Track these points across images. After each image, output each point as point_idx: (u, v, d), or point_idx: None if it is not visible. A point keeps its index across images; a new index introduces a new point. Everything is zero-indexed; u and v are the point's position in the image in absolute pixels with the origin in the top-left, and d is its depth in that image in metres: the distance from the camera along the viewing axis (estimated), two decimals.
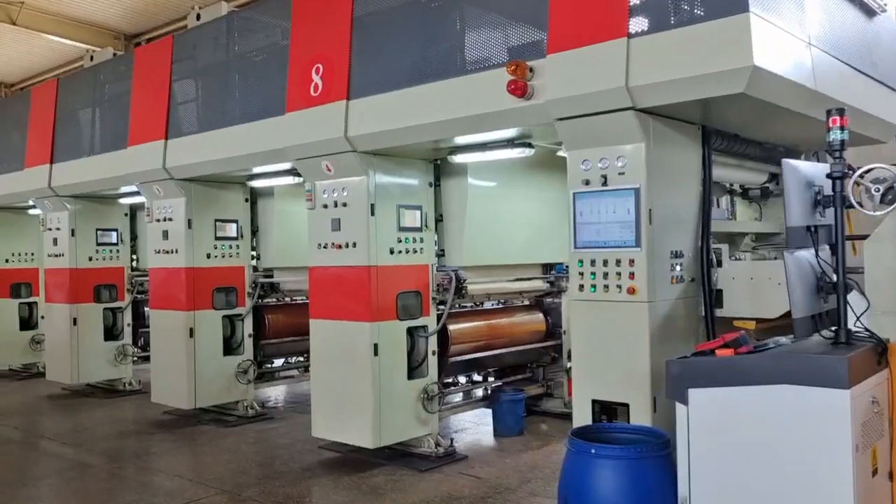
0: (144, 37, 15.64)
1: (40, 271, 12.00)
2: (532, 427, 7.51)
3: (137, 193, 9.39)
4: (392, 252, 6.31)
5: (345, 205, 6.28)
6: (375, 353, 6.15)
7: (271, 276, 8.70)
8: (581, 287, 4.80)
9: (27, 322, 12.02)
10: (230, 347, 8.38)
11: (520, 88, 4.73)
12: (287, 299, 9.39)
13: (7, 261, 11.81)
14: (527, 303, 8.14)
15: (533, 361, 8.11)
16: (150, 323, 8.47)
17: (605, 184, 4.66)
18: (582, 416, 4.76)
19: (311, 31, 6.38)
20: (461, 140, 5.82)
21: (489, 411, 7.58)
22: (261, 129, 6.84)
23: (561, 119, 4.73)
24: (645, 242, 4.53)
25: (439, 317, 6.67)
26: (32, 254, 12.05)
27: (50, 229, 10.08)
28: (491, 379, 7.97)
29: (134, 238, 10.51)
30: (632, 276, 4.57)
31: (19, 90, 18.24)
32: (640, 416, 4.50)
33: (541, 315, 8.01)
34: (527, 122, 4.99)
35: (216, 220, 8.24)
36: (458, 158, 6.14)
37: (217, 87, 7.57)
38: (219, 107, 7.43)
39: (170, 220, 8.14)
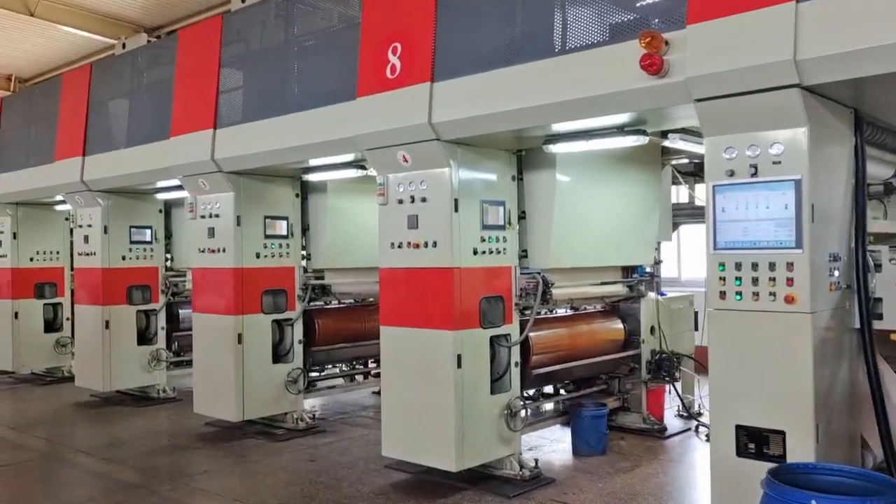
0: (164, 30, 15.04)
1: (66, 271, 11.46)
2: (611, 444, 6.86)
3: (174, 188, 8.82)
4: (475, 252, 5.68)
5: (424, 200, 5.65)
6: (459, 366, 5.51)
7: (322, 278, 8.09)
8: (723, 294, 4.16)
9: (51, 324, 11.42)
10: (278, 354, 7.76)
11: (655, 64, 4.09)
12: (334, 302, 8.76)
13: (32, 259, 11.20)
14: (601, 308, 7.49)
15: (608, 372, 7.46)
16: (194, 328, 7.85)
17: (755, 175, 4.02)
18: (723, 444, 4.12)
19: (387, 6, 5.76)
20: (561, 127, 5.19)
21: (557, 425, 7.01)
22: (324, 116, 6.22)
23: (701, 100, 4.09)
24: (807, 243, 3.89)
25: (522, 324, 6.05)
26: (58, 252, 11.45)
27: (80, 226, 9.48)
28: (562, 392, 7.32)
29: (168, 236, 9.89)
30: (790, 281, 3.93)
31: (33, 85, 17.61)
32: (801, 447, 3.86)
33: (620, 322, 7.36)
34: (657, 103, 4.34)
35: (266, 217, 7.62)
36: (557, 148, 5.49)
37: (274, 72, 6.94)
38: (276, 93, 6.80)
39: (216, 216, 7.51)
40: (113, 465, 6.67)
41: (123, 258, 9.35)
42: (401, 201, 5.80)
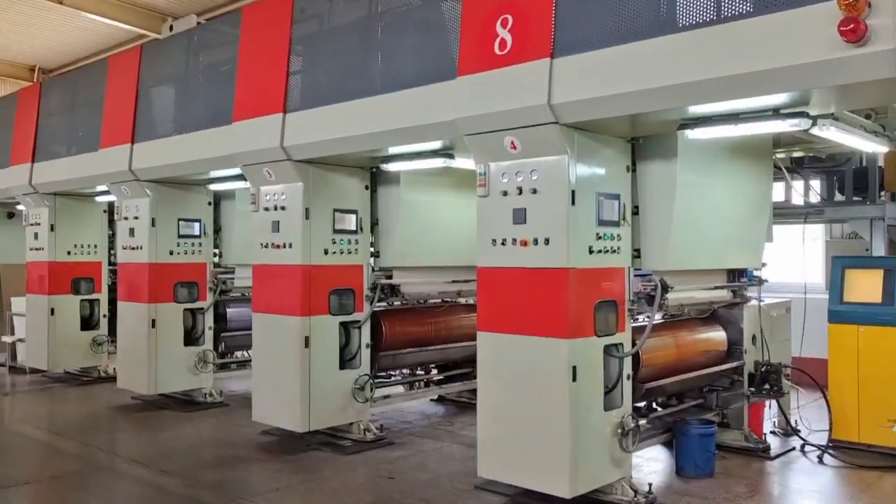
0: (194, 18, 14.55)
1: (103, 265, 10.93)
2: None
3: (229, 179, 8.28)
4: (591, 251, 5.07)
5: (534, 191, 5.04)
6: (574, 378, 4.90)
7: (390, 277, 7.49)
8: None
9: (87, 321, 10.87)
10: (343, 359, 7.16)
11: (856, 30, 3.47)
12: (397, 303, 8.15)
13: (69, 253, 10.66)
14: (696, 315, 6.86)
15: (706, 385, 6.82)
16: (254, 329, 7.26)
17: None
18: None
19: None
20: (704, 109, 4.57)
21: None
22: (414, 98, 5.63)
23: None
24: None
25: (634, 332, 5.44)
26: (95, 246, 10.91)
27: (126, 218, 8.92)
28: (658, 408, 6.69)
29: (216, 230, 9.31)
30: None
31: (74, 70, 17.07)
32: None
33: (721, 330, 6.73)
34: (849, 77, 3.70)
35: (335, 211, 7.03)
36: (697, 133, 4.85)
37: (354, 50, 6.34)
38: (356, 73, 6.21)
39: (282, 208, 6.93)
40: (172, 479, 6.08)
41: (171, 253, 8.78)
42: (505, 193, 5.19)
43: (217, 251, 9.32)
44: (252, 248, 9.00)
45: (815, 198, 8.14)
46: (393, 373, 8.35)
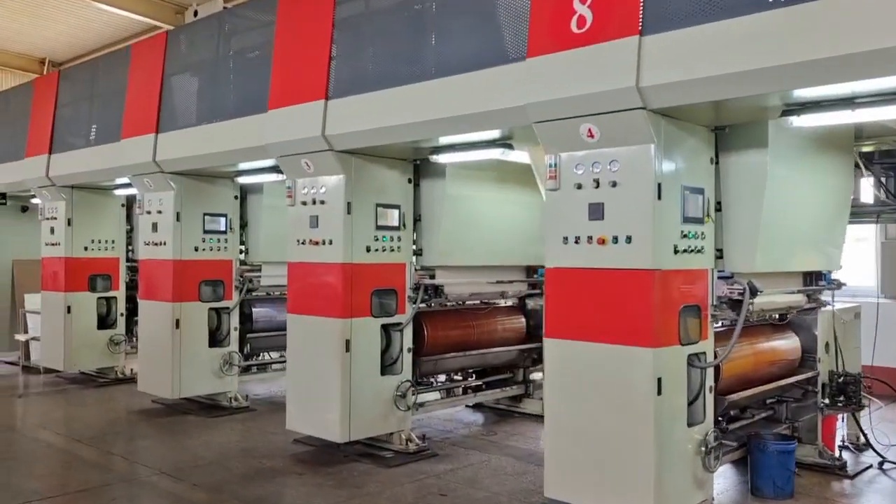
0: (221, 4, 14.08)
1: (121, 262, 10.48)
2: None
3: (258, 171, 7.83)
4: (676, 251, 4.59)
5: (613, 184, 4.56)
6: (659, 392, 4.43)
7: (433, 276, 7.02)
8: None
9: (104, 320, 10.42)
10: (383, 365, 6.69)
11: None
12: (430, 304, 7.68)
13: (86, 249, 10.21)
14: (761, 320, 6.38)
15: (776, 396, 6.33)
16: (289, 332, 6.78)
17: None
18: None
19: None
20: (810, 93, 4.09)
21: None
22: (473, 83, 5.17)
23: None
24: None
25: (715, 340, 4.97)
26: (113, 241, 10.46)
27: (149, 212, 8.46)
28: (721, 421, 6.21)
29: (243, 225, 8.85)
30: None
31: (94, 57, 16.62)
32: None
33: (795, 338, 6.24)
34: None
35: (377, 205, 6.56)
36: (806, 120, 4.37)
37: (403, 32, 5.88)
38: (406, 56, 5.74)
39: (321, 202, 6.46)
40: (206, 494, 5.62)
41: (196, 249, 8.33)
42: (579, 186, 4.71)
43: (243, 247, 8.86)
44: (283, 245, 8.63)
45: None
46: (430, 379, 7.88)
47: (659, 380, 4.42)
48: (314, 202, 6.51)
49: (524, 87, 4.78)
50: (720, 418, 5.54)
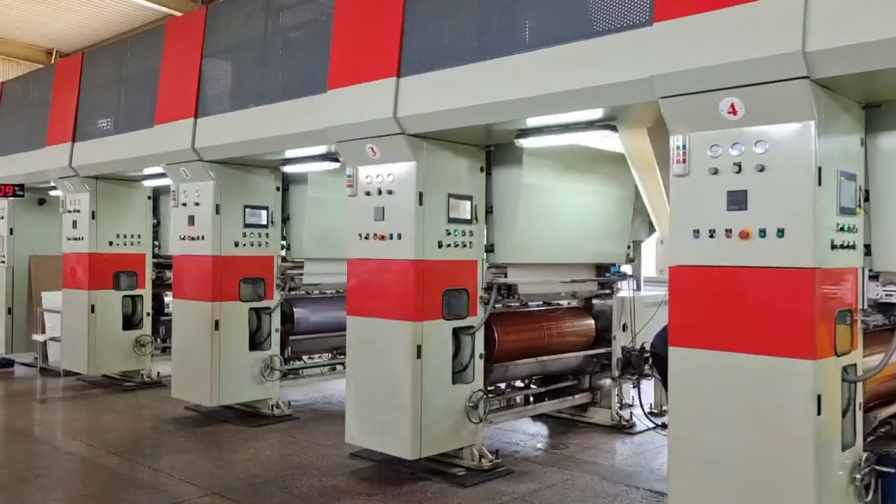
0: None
1: (147, 258, 9.84)
2: None
3: (306, 159, 7.19)
4: (832, 247, 3.94)
5: (761, 169, 3.91)
6: (819, 412, 3.78)
7: (505, 274, 6.39)
8: None
9: (129, 320, 9.78)
10: (453, 372, 6.06)
11: None
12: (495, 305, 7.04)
13: (111, 244, 9.56)
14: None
15: None
16: (349, 335, 6.13)
17: None
18: None
19: None
20: None
21: None
22: (582, 53, 4.52)
23: None
24: None
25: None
26: (139, 236, 9.81)
27: (185, 204, 7.81)
28: None
29: (285, 219, 8.20)
30: None
31: (122, 38, 15.98)
32: None
33: None
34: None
35: (449, 196, 5.92)
36: None
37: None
38: (494, 26, 5.07)
39: (389, 192, 5.81)
40: None
41: (236, 244, 7.68)
42: (715, 171, 4.07)
43: (284, 243, 8.21)
44: (328, 240, 8.09)
45: None
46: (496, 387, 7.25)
47: (819, 397, 3.78)
48: (380, 192, 5.87)
49: (650, 56, 4.13)
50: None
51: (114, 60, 9.04)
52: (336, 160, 6.97)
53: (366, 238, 5.96)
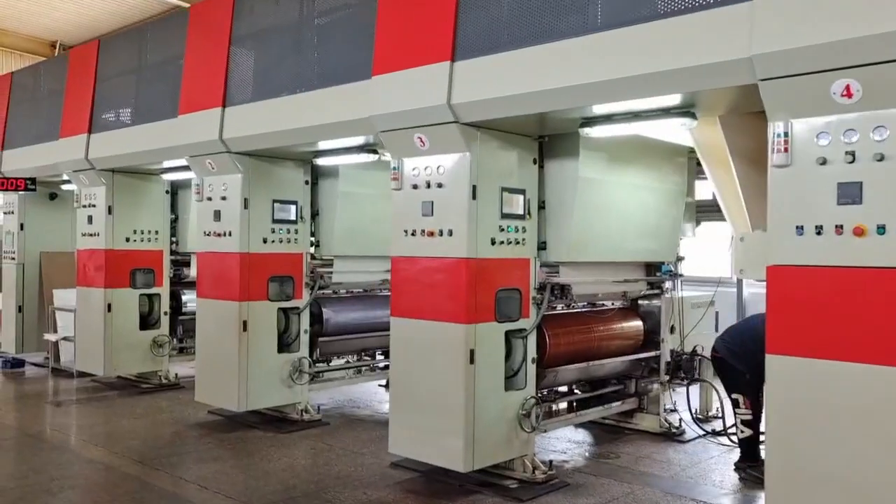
0: None
1: (165, 254, 9.45)
2: None
3: (338, 152, 6.81)
4: None
5: (880, 158, 3.53)
6: None
7: (557, 274, 6.00)
8: None
9: (146, 319, 9.39)
10: (504, 377, 5.68)
11: None
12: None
13: (128, 240, 9.17)
14: None
15: None
16: (393, 337, 5.73)
17: None
18: None
19: None
20: None
21: None
22: (658, 33, 4.14)
23: None
24: None
25: None
26: (156, 232, 9.42)
27: (210, 199, 7.42)
28: None
29: (314, 214, 7.80)
30: None
31: (142, 23, 15.61)
32: None
33: None
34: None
35: (503, 189, 5.53)
36: None
37: None
38: (569, 5, 4.66)
39: (438, 185, 5.42)
40: None
41: (264, 241, 7.29)
42: (823, 161, 3.69)
43: (313, 239, 7.82)
44: (360, 236, 7.74)
45: None
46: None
47: None
48: (428, 185, 5.47)
49: (750, 34, 3.74)
50: None
51: (132, 48, 8.64)
52: (374, 152, 6.59)
53: (412, 234, 5.57)
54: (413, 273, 5.60)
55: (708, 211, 7.37)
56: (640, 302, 7.26)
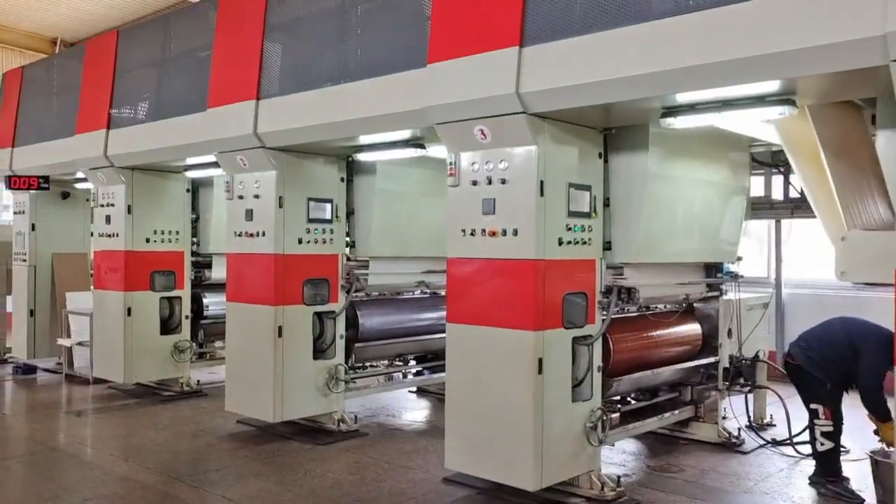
0: None
1: (186, 256, 9.05)
2: None
3: (380, 147, 6.42)
4: None
5: None
6: None
7: (622, 276, 5.62)
8: None
9: (167, 324, 8.99)
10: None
11: None
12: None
13: (148, 241, 8.76)
14: None
15: None
16: (449, 344, 5.35)
17: None
18: None
19: None
20: None
21: None
22: (770, 7, 3.75)
23: None
24: None
25: None
26: (177, 232, 9.01)
27: (241, 197, 7.01)
28: None
29: (349, 213, 7.40)
30: None
31: (165, 12, 15.17)
32: None
33: None
34: None
35: (569, 186, 5.14)
36: None
37: None
38: None
39: (502, 181, 5.03)
40: None
41: (300, 241, 6.89)
42: None
43: (348, 239, 7.42)
44: (398, 236, 7.38)
45: None
46: None
47: None
48: (490, 181, 5.08)
49: (883, 9, 3.36)
50: None
51: (154, 39, 8.24)
52: (422, 146, 6.20)
53: (471, 234, 5.18)
54: (472, 276, 5.20)
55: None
56: (695, 305, 6.89)
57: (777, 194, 7.87)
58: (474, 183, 5.16)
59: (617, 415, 6.33)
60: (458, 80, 5.02)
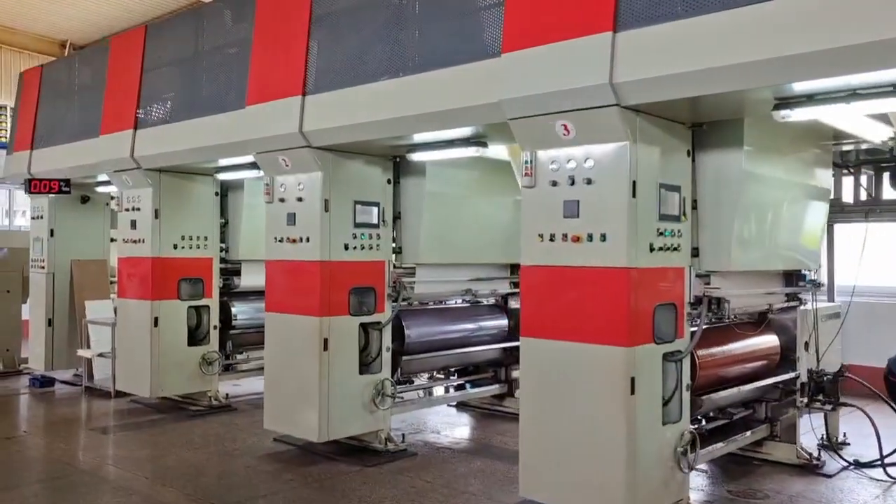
0: None
1: (215, 263, 8.58)
2: None
3: (434, 146, 5.97)
4: None
5: None
6: None
7: (710, 284, 5.14)
8: None
9: (194, 334, 8.51)
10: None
11: None
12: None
13: (176, 247, 8.30)
14: None
15: None
16: (523, 362, 4.88)
17: None
18: None
19: None
20: None
21: None
22: None
23: None
24: None
25: None
26: (206, 238, 8.54)
27: (282, 200, 6.55)
28: None
29: (395, 217, 6.94)
30: None
31: (195, 6, 14.75)
32: None
33: None
34: None
35: (660, 186, 4.67)
36: None
37: None
38: None
39: (587, 182, 4.55)
40: None
41: (346, 248, 6.43)
42: None
43: (395, 245, 6.95)
44: (446, 243, 6.93)
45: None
46: None
47: None
48: (572, 182, 4.61)
49: None
50: None
51: (185, 34, 7.79)
52: (484, 144, 5.75)
53: (550, 239, 4.71)
54: (552, 285, 4.73)
55: None
56: (769, 315, 6.41)
57: (847, 197, 7.40)
58: (554, 183, 4.70)
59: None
60: (539, 71, 4.56)
